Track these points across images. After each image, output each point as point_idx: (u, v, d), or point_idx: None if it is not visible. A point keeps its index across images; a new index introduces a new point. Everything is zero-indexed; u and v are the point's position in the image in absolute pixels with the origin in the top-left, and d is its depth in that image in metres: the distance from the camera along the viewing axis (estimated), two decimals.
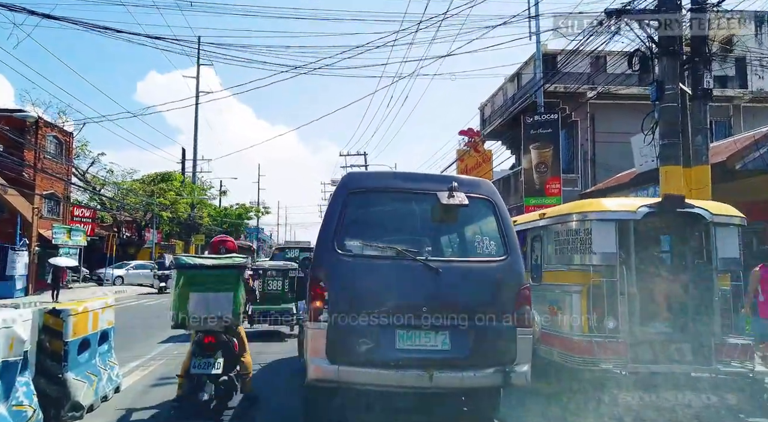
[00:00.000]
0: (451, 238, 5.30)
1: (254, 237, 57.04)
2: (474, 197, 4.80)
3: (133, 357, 8.24)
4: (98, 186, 38.49)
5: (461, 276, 4.62)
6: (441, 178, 5.37)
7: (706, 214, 6.00)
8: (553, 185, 15.35)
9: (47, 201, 28.31)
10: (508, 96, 22.43)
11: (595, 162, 19.40)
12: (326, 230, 4.62)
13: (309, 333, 4.46)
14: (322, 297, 4.38)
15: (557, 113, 15.72)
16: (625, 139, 19.61)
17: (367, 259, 4.57)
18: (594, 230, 5.84)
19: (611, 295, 5.76)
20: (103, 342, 5.85)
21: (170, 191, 38.70)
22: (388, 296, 4.45)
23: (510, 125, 21.97)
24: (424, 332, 4.38)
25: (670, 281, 6.30)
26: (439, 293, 4.49)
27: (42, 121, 27.65)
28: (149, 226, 39.77)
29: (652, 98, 10.87)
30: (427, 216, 4.82)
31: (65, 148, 29.86)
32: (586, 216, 6.03)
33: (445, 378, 4.33)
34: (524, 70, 20.87)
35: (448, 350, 4.39)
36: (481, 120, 26.40)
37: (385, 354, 4.29)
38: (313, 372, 4.33)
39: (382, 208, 5.03)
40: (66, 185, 29.61)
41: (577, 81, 18.24)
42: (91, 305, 5.53)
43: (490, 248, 4.86)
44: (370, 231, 4.83)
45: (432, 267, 4.48)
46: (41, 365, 4.82)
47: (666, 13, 10.26)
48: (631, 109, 19.46)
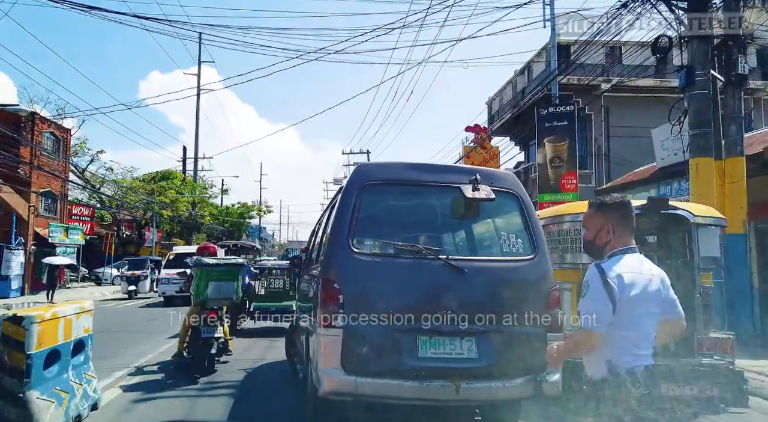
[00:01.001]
0: (475, 235, 4.83)
1: (256, 236, 56.33)
2: (499, 190, 4.40)
3: (119, 365, 7.50)
4: (97, 184, 37.84)
5: (488, 277, 4.20)
6: (463, 169, 4.91)
7: (689, 215, 6.29)
8: (569, 181, 14.57)
9: (44, 199, 27.65)
10: (518, 90, 21.65)
11: (609, 157, 18.64)
12: (339, 227, 4.20)
13: (321, 341, 3.97)
14: (336, 300, 3.94)
15: (573, 104, 14.95)
16: (641, 133, 18.85)
17: (385, 258, 4.18)
18: (583, 231, 5.55)
19: None
20: (79, 353, 5.13)
21: (171, 189, 38.10)
22: (409, 299, 4.04)
23: (519, 119, 21.23)
24: (449, 338, 4.00)
25: None
26: (465, 295, 4.08)
27: (38, 117, 26.99)
28: (149, 225, 39.12)
29: (680, 85, 10.13)
30: (449, 211, 4.46)
31: (63, 144, 29.17)
32: (577, 217, 6.15)
33: (473, 389, 3.94)
34: (535, 63, 20.10)
35: (475, 358, 3.99)
36: (488, 116, 25.64)
37: (407, 363, 3.89)
38: (327, 385, 3.89)
39: (398, 202, 4.65)
40: (63, 182, 28.93)
41: (590, 73, 17.49)
42: (63, 310, 4.81)
43: (517, 246, 4.46)
44: (387, 228, 4.48)
45: (457, 267, 4.08)
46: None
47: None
48: (647, 102, 18.75)
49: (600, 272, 2.52)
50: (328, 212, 5.15)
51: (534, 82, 19.63)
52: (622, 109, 18.82)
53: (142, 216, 39.67)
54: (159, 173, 41.10)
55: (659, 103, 18.53)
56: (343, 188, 4.44)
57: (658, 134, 13.71)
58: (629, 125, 18.87)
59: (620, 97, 18.54)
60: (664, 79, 18.10)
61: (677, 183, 12.28)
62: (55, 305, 5.02)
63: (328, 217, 4.99)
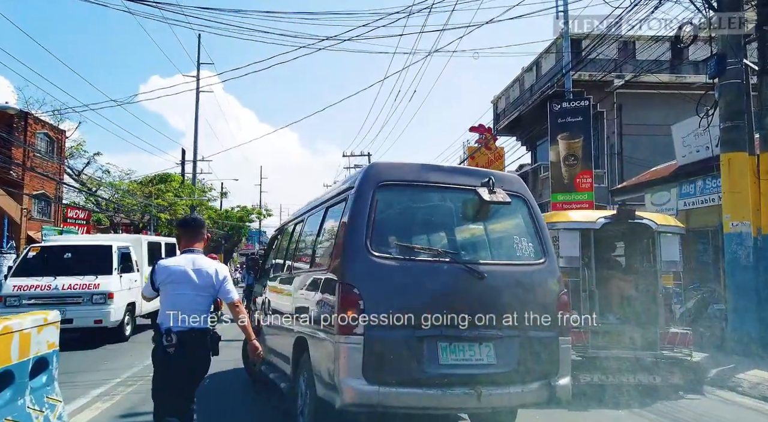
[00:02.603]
0: (489, 239, 4.65)
1: (255, 240, 55.63)
2: (509, 193, 4.37)
3: (95, 382, 6.74)
4: (93, 187, 37.13)
5: (505, 281, 4.17)
6: (476, 172, 4.73)
7: (653, 224, 7.06)
8: (584, 180, 13.82)
9: (37, 202, 26.95)
10: (526, 87, 20.94)
11: (622, 156, 17.91)
12: (355, 229, 3.99)
13: (340, 349, 3.75)
14: (356, 306, 3.75)
15: (588, 99, 14.21)
16: (655, 131, 18.11)
17: (404, 262, 4.01)
18: (561, 237, 6.84)
19: (575, 292, 6.66)
20: (40, 373, 4.37)
21: (168, 192, 37.41)
22: (429, 305, 3.88)
23: (527, 118, 20.53)
24: (468, 344, 3.94)
25: (623, 281, 7.49)
26: (484, 299, 4.03)
27: (32, 117, 26.30)
28: (147, 228, 38.38)
29: (710, 74, 9.40)
30: (463, 214, 4.45)
31: (57, 146, 28.47)
32: (554, 225, 6.82)
33: (494, 396, 3.89)
34: (544, 58, 19.40)
35: (494, 363, 3.96)
36: (494, 115, 24.93)
37: (429, 370, 3.79)
38: (349, 396, 3.68)
39: (413, 204, 4.49)
40: (58, 184, 28.22)
41: (602, 69, 16.78)
42: (19, 323, 4.05)
43: (528, 250, 4.46)
44: (403, 230, 4.31)
45: (476, 271, 4.03)
46: None
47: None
48: (661, 98, 18.03)
49: (156, 265, 3.92)
50: (325, 212, 4.93)
51: (544, 78, 18.92)
52: (636, 106, 18.11)
53: (140, 219, 38.95)
54: (157, 175, 40.38)
55: (674, 99, 17.86)
56: (356, 188, 4.19)
57: (678, 130, 12.97)
58: (643, 123, 18.15)
59: (633, 93, 17.85)
60: (680, 75, 17.40)
61: (701, 181, 11.53)
62: (9, 318, 4.26)
63: (326, 217, 4.86)
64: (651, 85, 17.48)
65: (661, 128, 17.79)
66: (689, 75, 17.60)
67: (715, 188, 11.01)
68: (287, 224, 7.07)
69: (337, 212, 4.50)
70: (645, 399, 6.16)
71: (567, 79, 14.35)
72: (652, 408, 5.93)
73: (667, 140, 17.66)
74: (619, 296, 7.37)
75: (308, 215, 5.63)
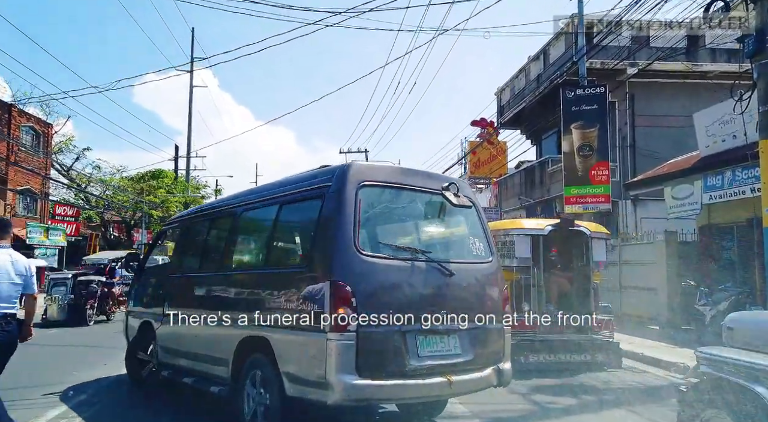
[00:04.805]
0: (452, 239, 5.10)
1: None
2: (465, 197, 4.92)
3: (50, 404, 5.75)
4: (83, 183, 36.11)
5: (466, 278, 4.61)
6: (440, 176, 5.26)
7: (587, 231, 8.73)
8: (600, 171, 12.91)
9: (22, 197, 25.94)
10: (532, 77, 20.04)
11: (635, 149, 17.04)
12: (343, 228, 4.08)
13: (333, 346, 3.83)
14: (349, 304, 3.87)
15: (604, 85, 13.30)
16: (669, 122, 17.21)
17: (387, 260, 4.23)
18: (516, 242, 8.36)
19: (526, 287, 8.37)
20: None
21: (160, 188, 36.45)
22: (411, 301, 4.20)
23: (533, 110, 19.64)
24: (439, 336, 4.29)
25: (563, 277, 9.07)
26: (452, 295, 4.44)
27: (16, 110, 25.27)
28: (138, 225, 37.39)
29: (747, 53, 8.50)
30: (433, 216, 4.87)
31: (44, 140, 27.46)
32: (510, 232, 8.56)
33: (461, 382, 4.31)
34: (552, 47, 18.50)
35: (459, 353, 4.36)
36: (497, 107, 24.02)
37: (411, 363, 4.08)
38: (344, 392, 3.80)
39: (390, 205, 4.68)
40: (44, 180, 27.21)
41: (614, 56, 15.88)
42: None
43: (479, 249, 4.92)
44: (383, 230, 4.61)
45: (447, 269, 4.40)
46: None
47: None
48: (676, 88, 17.14)
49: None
50: (280, 208, 4.90)
51: (552, 67, 18.01)
52: (649, 96, 17.22)
53: (132, 217, 37.98)
54: (149, 172, 39.41)
55: (689, 89, 16.99)
56: (336, 186, 4.23)
57: (701, 118, 12.07)
58: (656, 114, 17.28)
59: (646, 83, 16.96)
60: (696, 63, 16.49)
61: (731, 172, 10.62)
62: None
63: (284, 213, 4.89)
64: (664, 75, 16.60)
65: (676, 119, 16.93)
66: (705, 63, 16.72)
67: (747, 180, 10.13)
68: (197, 218, 6.62)
69: (308, 210, 4.54)
70: (576, 372, 7.81)
71: (581, 64, 13.43)
72: (580, 377, 7.59)
73: (681, 131, 16.78)
74: (559, 290, 8.98)
75: (244, 209, 5.46)
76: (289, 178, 5.18)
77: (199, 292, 5.55)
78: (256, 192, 5.91)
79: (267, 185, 5.95)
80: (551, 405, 6.16)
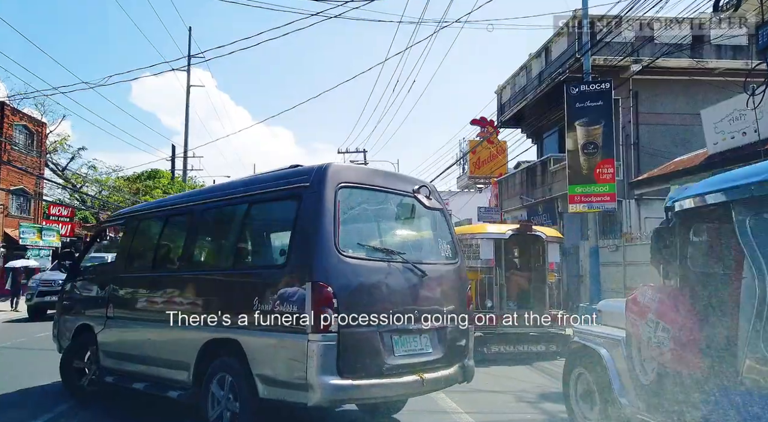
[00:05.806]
0: (423, 240, 5.14)
1: None
2: None
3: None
4: (78, 183, 35.71)
5: (437, 278, 4.69)
6: (412, 179, 5.24)
7: (543, 236, 9.97)
8: (606, 170, 12.56)
9: (15, 197, 25.53)
10: (533, 75, 19.70)
11: (638, 147, 16.72)
12: (323, 229, 4.04)
13: (314, 347, 3.79)
14: (331, 304, 3.85)
15: (609, 81, 12.97)
16: (673, 120, 16.91)
17: (367, 261, 4.28)
18: (481, 245, 9.51)
19: (489, 285, 9.51)
20: None
21: (157, 188, 36.10)
22: (388, 301, 4.25)
23: (534, 108, 19.31)
24: (413, 336, 4.38)
25: (522, 277, 10.22)
26: (424, 295, 4.51)
27: (9, 108, 24.88)
28: None
29: (761, 45, 8.24)
30: (406, 217, 4.92)
31: (37, 139, 27.06)
32: (475, 236, 9.74)
33: (433, 380, 4.42)
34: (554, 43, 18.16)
35: (431, 351, 4.48)
36: (498, 105, 23.65)
37: (388, 362, 4.14)
38: (326, 393, 3.78)
39: (367, 206, 4.70)
40: (37, 180, 26.81)
41: (617, 52, 15.55)
42: None
43: (447, 251, 5.06)
44: (361, 231, 4.61)
45: (420, 270, 4.48)
46: None
47: None
48: (681, 85, 16.80)
49: None
50: (249, 207, 4.83)
51: (554, 64, 17.67)
52: (653, 93, 16.91)
53: None
54: (145, 172, 39.05)
55: (694, 86, 16.66)
56: (315, 187, 4.17)
57: (709, 115, 11.75)
58: (660, 111, 16.98)
59: (650, 80, 16.62)
60: (701, 60, 16.17)
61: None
62: None
63: (254, 213, 4.83)
64: (669, 72, 16.27)
65: (681, 116, 16.63)
66: (711, 59, 16.40)
67: None
68: (151, 215, 6.25)
69: (282, 210, 4.58)
70: (532, 361, 8.91)
71: (586, 60, 13.06)
72: (535, 366, 8.68)
73: (686, 129, 16.51)
74: (519, 288, 10.07)
75: (203, 208, 5.27)
76: (257, 177, 5.10)
77: (154, 293, 5.30)
78: (219, 189, 5.82)
79: (230, 182, 5.68)
80: (513, 389, 6.98)
